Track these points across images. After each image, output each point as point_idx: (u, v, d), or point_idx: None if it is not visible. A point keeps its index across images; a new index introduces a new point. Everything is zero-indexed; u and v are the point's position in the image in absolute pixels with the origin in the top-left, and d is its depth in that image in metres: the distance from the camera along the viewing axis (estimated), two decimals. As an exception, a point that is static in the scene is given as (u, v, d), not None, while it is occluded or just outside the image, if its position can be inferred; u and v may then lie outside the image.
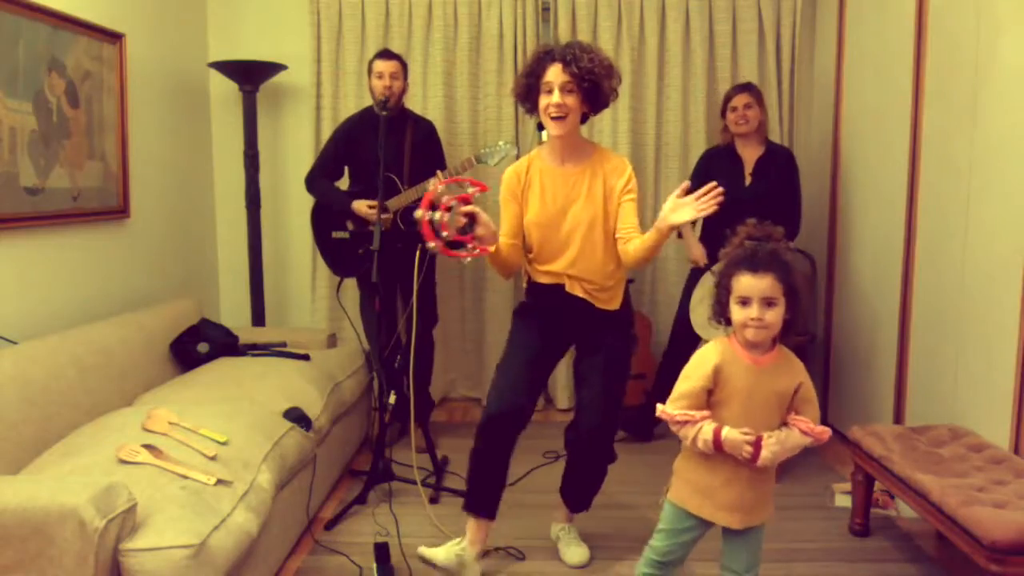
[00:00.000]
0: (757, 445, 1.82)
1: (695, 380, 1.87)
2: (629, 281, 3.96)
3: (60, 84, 2.83)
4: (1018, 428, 2.48)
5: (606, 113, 4.12)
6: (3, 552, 1.66)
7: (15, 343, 2.45)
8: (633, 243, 2.32)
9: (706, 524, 1.94)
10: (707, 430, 1.84)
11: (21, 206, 2.63)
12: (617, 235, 2.38)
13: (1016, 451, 2.48)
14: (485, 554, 2.56)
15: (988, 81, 2.67)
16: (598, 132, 4.14)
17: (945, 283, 2.92)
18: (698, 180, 3.46)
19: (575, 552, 2.57)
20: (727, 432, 1.82)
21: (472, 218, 2.23)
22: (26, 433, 2.19)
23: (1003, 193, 2.58)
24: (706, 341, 2.68)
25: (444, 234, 2.21)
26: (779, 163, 3.46)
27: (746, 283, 1.81)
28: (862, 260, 3.62)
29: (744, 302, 1.82)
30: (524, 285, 2.58)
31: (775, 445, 1.82)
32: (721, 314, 1.89)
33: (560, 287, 2.43)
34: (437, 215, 2.19)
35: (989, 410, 2.63)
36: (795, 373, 1.90)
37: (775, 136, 4.10)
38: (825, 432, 1.87)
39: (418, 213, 2.21)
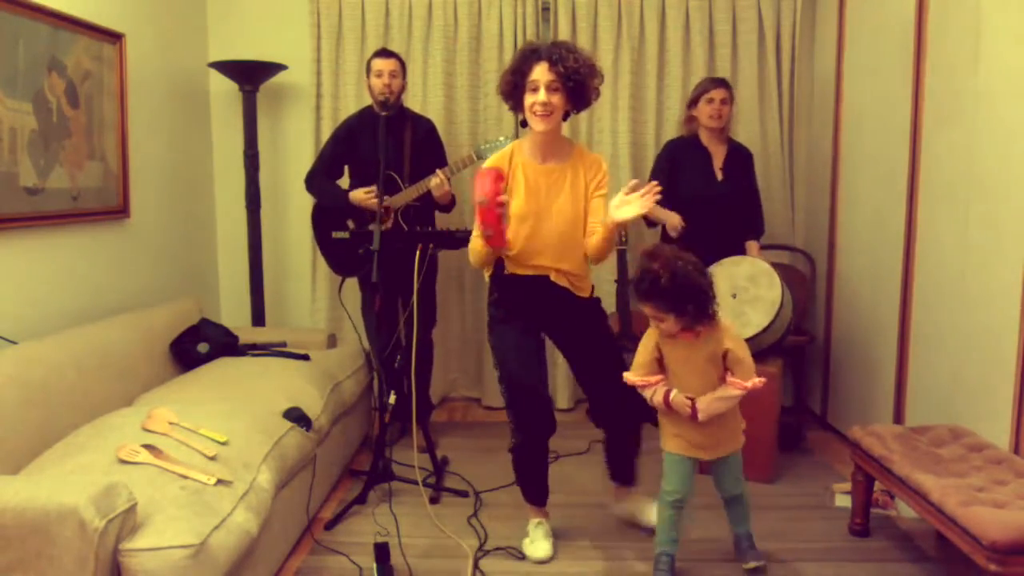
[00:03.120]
0: (694, 406, 2.32)
1: (645, 354, 2.43)
2: (629, 281, 3.99)
3: (60, 84, 2.83)
4: (1018, 428, 2.48)
5: (606, 113, 4.13)
6: (3, 552, 1.66)
7: (15, 343, 2.45)
8: (593, 237, 2.43)
9: (693, 462, 2.44)
10: (659, 393, 2.38)
11: (21, 206, 2.63)
12: (586, 228, 2.47)
13: (1016, 451, 2.48)
14: (486, 553, 2.59)
15: (988, 81, 2.67)
16: (598, 132, 4.15)
17: (945, 283, 2.92)
18: (665, 171, 3.45)
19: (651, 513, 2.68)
20: (674, 395, 2.36)
21: (504, 207, 2.33)
22: (26, 433, 2.19)
23: (1003, 193, 2.57)
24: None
25: (495, 219, 2.31)
26: (744, 161, 3.51)
27: (642, 307, 2.36)
28: (862, 260, 3.62)
29: (654, 318, 2.37)
30: (487, 279, 2.62)
31: (708, 403, 2.33)
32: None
33: (543, 278, 2.48)
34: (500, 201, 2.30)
35: (989, 410, 2.62)
36: (721, 342, 2.37)
37: (775, 136, 4.11)
38: (759, 382, 2.33)
39: (483, 199, 2.29)
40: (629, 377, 2.43)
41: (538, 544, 2.56)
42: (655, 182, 2.29)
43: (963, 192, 2.79)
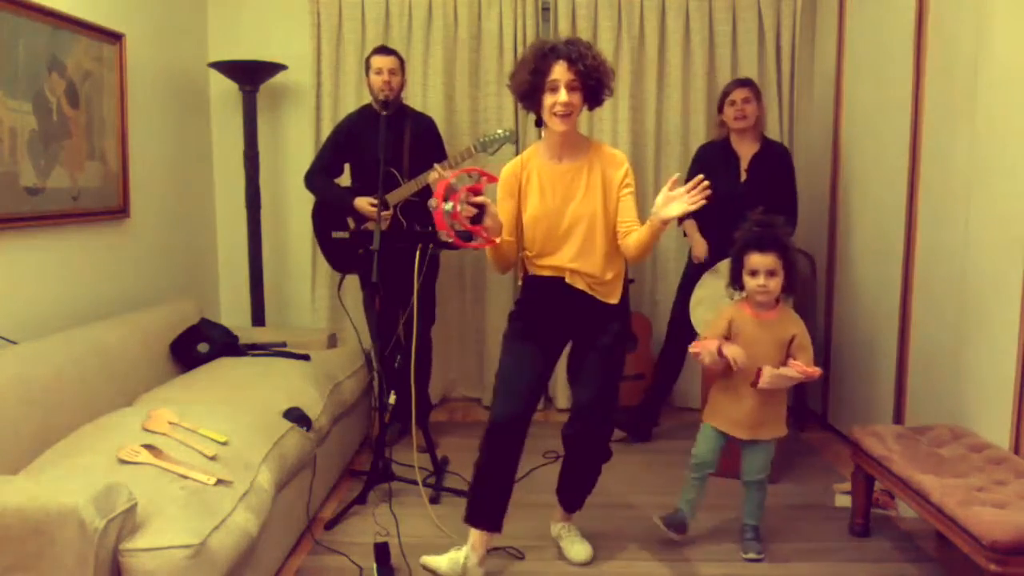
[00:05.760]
0: (758, 373, 2.46)
1: (715, 330, 2.58)
2: (629, 281, 3.99)
3: (60, 84, 2.83)
4: (1018, 428, 2.48)
5: (606, 113, 4.13)
6: (3, 552, 1.66)
7: (15, 343, 2.45)
8: (632, 236, 2.35)
9: (725, 439, 2.59)
10: (711, 344, 2.51)
11: (21, 206, 2.63)
12: (618, 229, 2.40)
13: (1016, 451, 2.48)
14: (486, 553, 2.57)
15: (988, 81, 2.67)
16: (598, 132, 4.14)
17: (945, 282, 2.91)
18: (694, 175, 3.48)
19: (579, 549, 2.59)
20: (727, 346, 2.47)
21: (482, 208, 2.23)
22: (26, 433, 2.18)
23: (1003, 193, 2.57)
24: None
25: (456, 224, 2.20)
26: (774, 160, 3.44)
27: (755, 260, 2.48)
28: (862, 260, 3.62)
29: (753, 273, 2.49)
30: (519, 283, 2.58)
31: (771, 374, 2.45)
32: (735, 282, 2.56)
33: (561, 280, 2.43)
34: (449, 205, 2.17)
35: (989, 410, 2.62)
36: (791, 326, 2.54)
37: (775, 136, 4.10)
38: (816, 371, 2.49)
39: (432, 202, 2.19)
40: (692, 348, 2.58)
41: (449, 556, 2.45)
42: (701, 175, 2.21)
43: (963, 192, 2.79)
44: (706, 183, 2.18)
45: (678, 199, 2.18)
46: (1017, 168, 2.50)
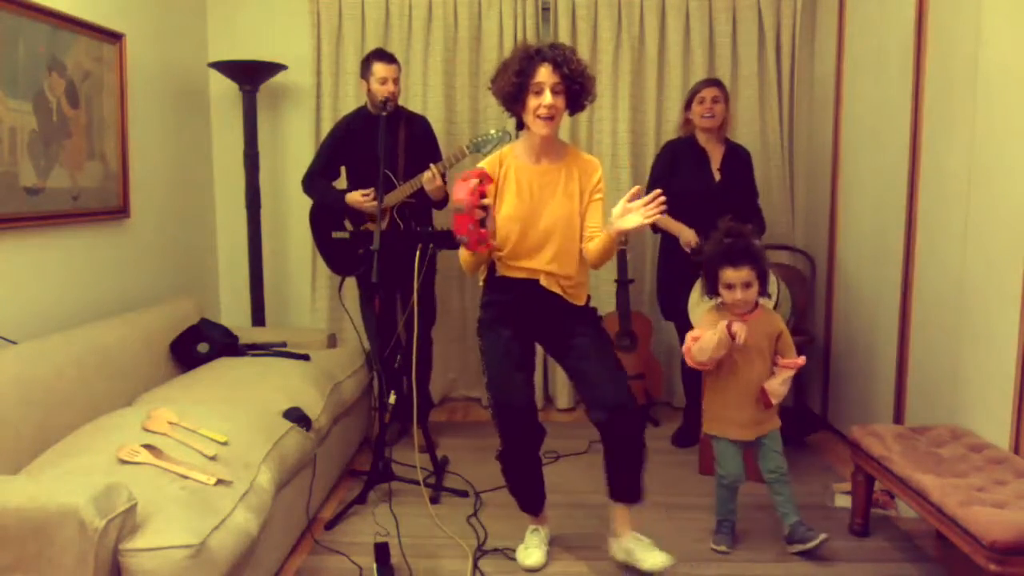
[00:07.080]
0: (764, 394, 2.56)
1: (708, 327, 2.60)
2: (629, 281, 4.00)
3: (60, 84, 2.83)
4: (1018, 428, 2.48)
5: (606, 113, 4.13)
6: (3, 552, 1.66)
7: (15, 343, 2.45)
8: (593, 243, 2.38)
9: (739, 444, 2.62)
10: (711, 332, 2.50)
11: (21, 206, 2.63)
12: (584, 233, 2.43)
13: (1016, 451, 2.48)
14: (484, 554, 2.60)
15: (987, 81, 2.67)
16: (598, 132, 4.15)
17: (945, 283, 2.92)
18: (663, 172, 3.49)
19: (655, 556, 2.42)
20: (735, 324, 2.48)
21: (487, 211, 2.28)
22: (26, 433, 2.19)
23: (1003, 193, 2.57)
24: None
25: (471, 227, 2.26)
26: (742, 161, 3.50)
27: (730, 275, 2.53)
28: (862, 260, 3.62)
29: (729, 287, 2.55)
30: (481, 283, 2.55)
31: (776, 387, 2.56)
32: (711, 291, 2.62)
33: (533, 282, 2.43)
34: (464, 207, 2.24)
35: (989, 410, 2.62)
36: (774, 324, 2.63)
37: (775, 136, 4.11)
38: (802, 360, 2.61)
39: (458, 207, 2.24)
40: (689, 339, 2.58)
41: (531, 551, 2.55)
42: (659, 191, 2.24)
43: (963, 192, 2.79)
44: (663, 199, 2.22)
45: (635, 211, 2.21)
46: (1016, 168, 2.50)
